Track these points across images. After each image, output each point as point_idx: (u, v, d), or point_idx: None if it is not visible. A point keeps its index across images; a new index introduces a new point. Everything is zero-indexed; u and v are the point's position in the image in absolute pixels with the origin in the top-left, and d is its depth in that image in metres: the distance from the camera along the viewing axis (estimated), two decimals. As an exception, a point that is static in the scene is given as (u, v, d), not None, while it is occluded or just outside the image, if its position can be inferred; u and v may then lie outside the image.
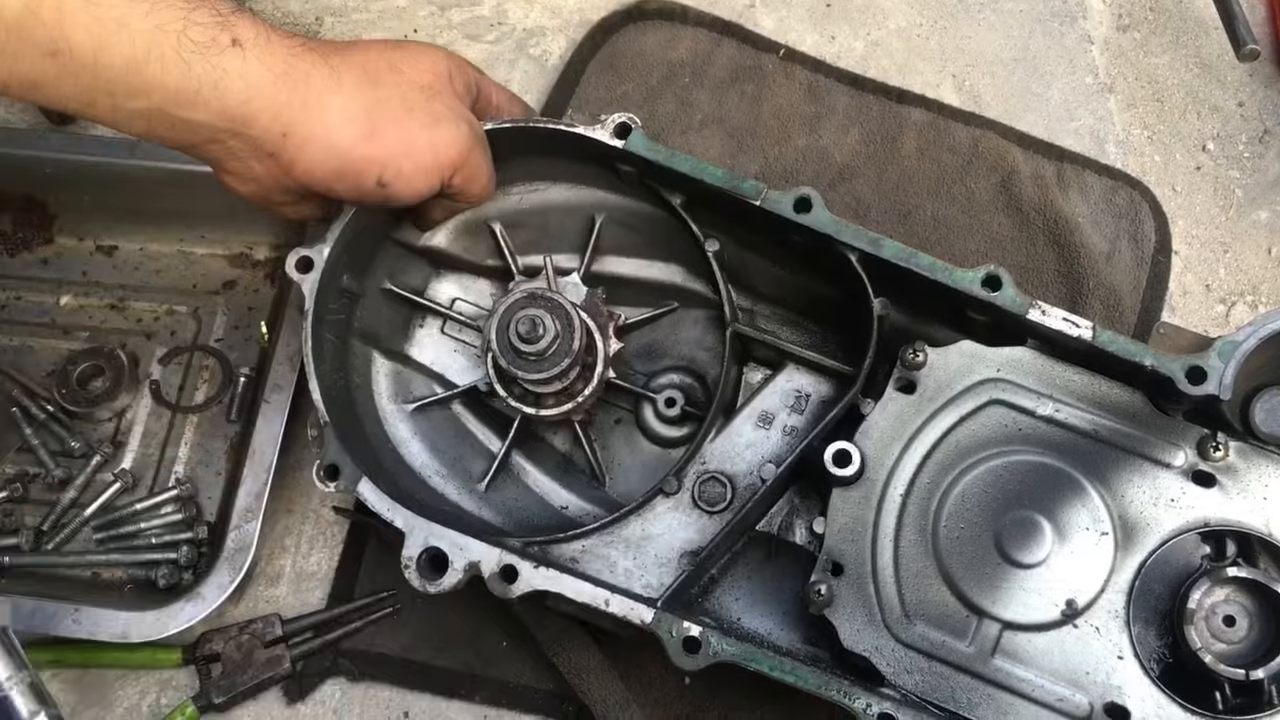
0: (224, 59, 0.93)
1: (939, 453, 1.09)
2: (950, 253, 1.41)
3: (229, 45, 0.93)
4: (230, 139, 0.97)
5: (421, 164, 1.03)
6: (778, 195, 1.10)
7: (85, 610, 1.20)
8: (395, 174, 1.02)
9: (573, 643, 1.22)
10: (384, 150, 1.01)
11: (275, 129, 0.97)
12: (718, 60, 1.53)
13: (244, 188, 1.04)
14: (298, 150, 0.98)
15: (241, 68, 0.94)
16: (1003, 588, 1.05)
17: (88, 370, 1.39)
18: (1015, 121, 1.51)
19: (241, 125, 0.96)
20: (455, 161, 1.05)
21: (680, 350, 1.29)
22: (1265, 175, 1.50)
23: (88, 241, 1.48)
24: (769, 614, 1.16)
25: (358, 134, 0.99)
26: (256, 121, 0.96)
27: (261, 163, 1.00)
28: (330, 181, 1.01)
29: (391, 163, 1.01)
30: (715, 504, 1.19)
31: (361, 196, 1.04)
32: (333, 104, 0.98)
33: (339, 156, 0.99)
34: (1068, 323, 1.06)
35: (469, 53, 1.56)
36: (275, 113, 0.96)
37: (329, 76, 0.99)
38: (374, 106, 1.01)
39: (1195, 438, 1.07)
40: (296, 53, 0.98)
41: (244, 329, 1.44)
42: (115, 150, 1.36)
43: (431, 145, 1.03)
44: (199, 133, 0.96)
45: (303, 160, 0.99)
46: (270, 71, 0.95)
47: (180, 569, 1.31)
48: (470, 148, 1.06)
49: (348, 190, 1.03)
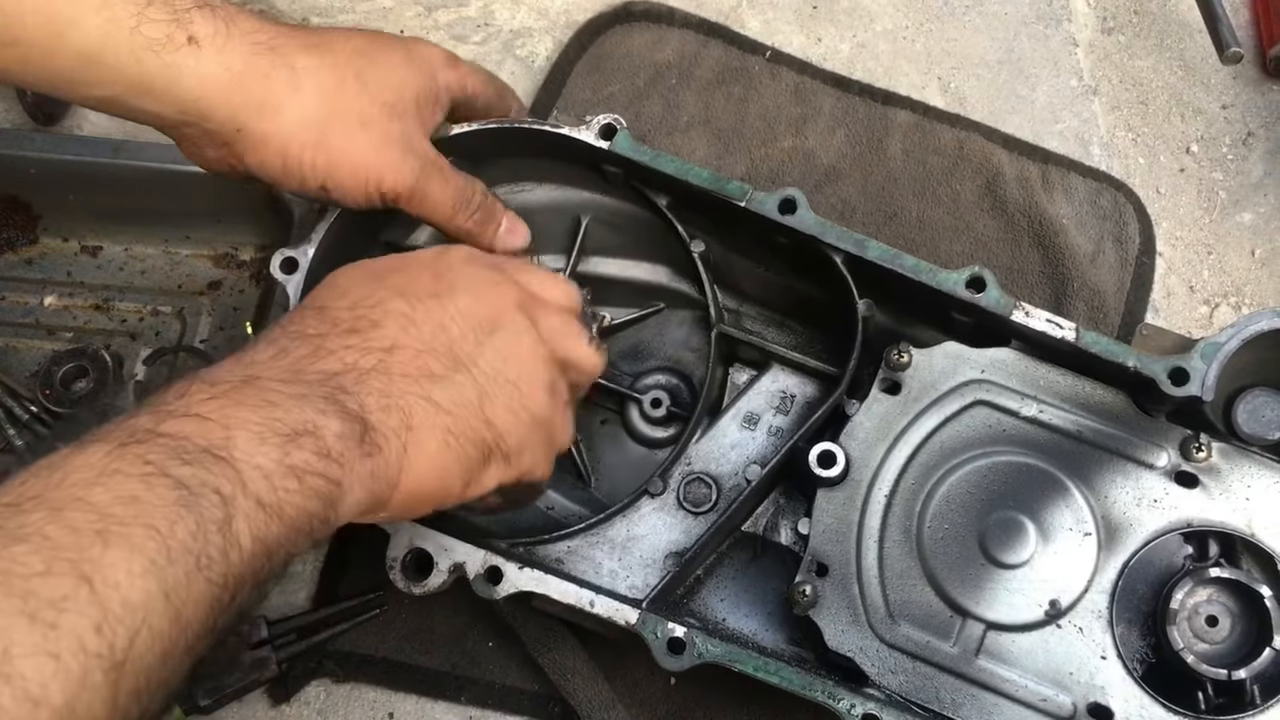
0: (178, 57, 0.93)
1: (923, 454, 1.09)
2: (935, 254, 1.41)
3: (184, 43, 0.93)
4: (185, 128, 0.98)
5: (363, 183, 1.03)
6: (763, 196, 1.10)
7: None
8: (336, 185, 1.02)
9: (558, 644, 1.22)
10: (327, 162, 1.01)
11: (230, 125, 0.97)
12: (704, 62, 1.53)
13: (200, 162, 1.05)
14: (248, 148, 0.99)
15: (196, 66, 0.94)
16: (987, 588, 1.05)
17: (72, 371, 1.38)
18: (1000, 124, 1.51)
19: (196, 119, 0.96)
20: (399, 191, 1.04)
21: (666, 351, 1.29)
22: (1249, 177, 1.51)
23: (72, 242, 1.47)
24: (754, 615, 1.17)
25: (306, 141, 0.99)
26: (211, 117, 0.96)
27: (216, 150, 1.01)
28: (277, 179, 1.02)
29: (335, 175, 1.01)
30: (700, 505, 1.19)
31: (304, 194, 1.05)
32: (287, 108, 0.98)
33: (285, 161, 1.00)
34: (1052, 324, 1.07)
35: (456, 53, 1.56)
36: (230, 112, 0.96)
37: (288, 80, 0.98)
38: (328, 117, 1.00)
39: (1178, 438, 1.08)
40: (258, 51, 0.97)
41: (229, 330, 1.43)
42: (100, 150, 1.36)
43: (376, 168, 1.02)
44: (155, 120, 0.98)
45: (251, 158, 1.00)
46: (227, 71, 0.95)
47: None
48: (417, 179, 1.04)
49: (293, 189, 1.04)
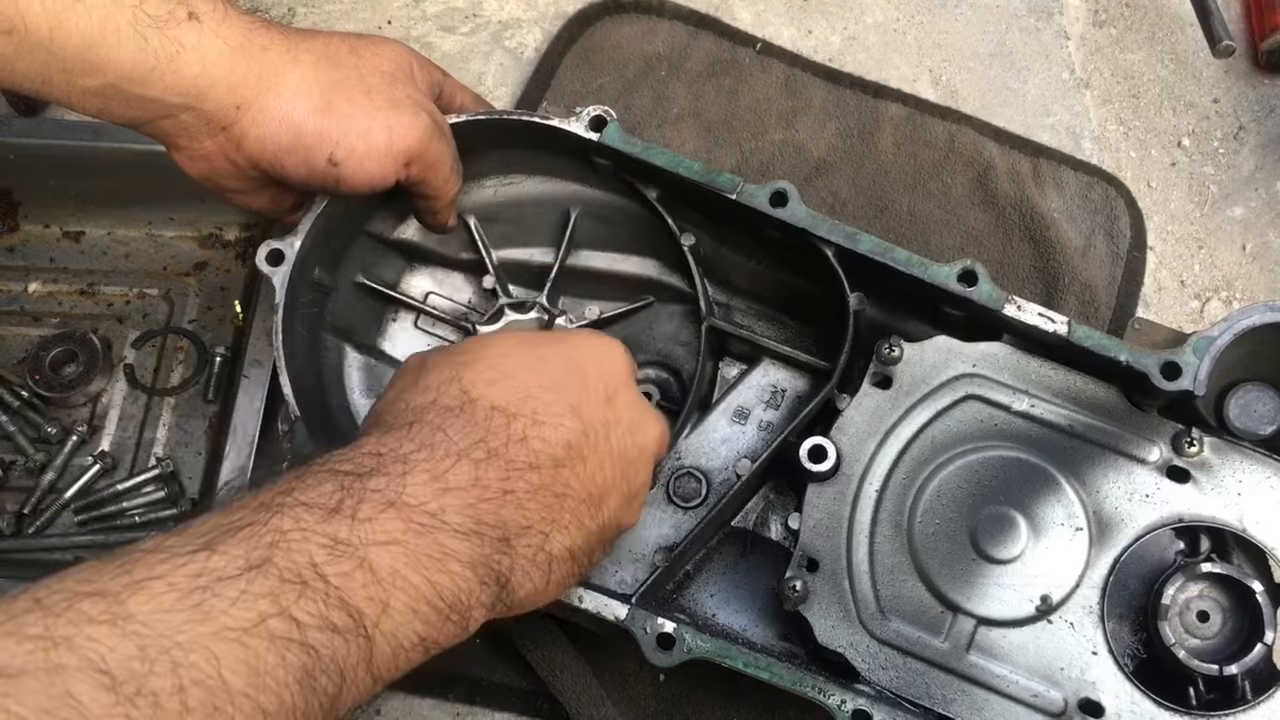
0: (180, 32, 0.92)
1: (914, 448, 1.09)
2: (926, 248, 1.41)
3: (185, 18, 0.92)
4: (183, 113, 0.96)
5: (375, 145, 1.00)
6: (754, 189, 1.10)
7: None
8: (348, 152, 0.99)
9: (547, 640, 1.21)
10: (337, 126, 0.99)
11: (229, 102, 0.96)
12: (694, 53, 1.52)
13: (194, 167, 1.02)
14: (250, 123, 0.97)
15: (198, 40, 0.93)
16: (978, 583, 1.05)
17: (60, 356, 1.37)
18: (991, 117, 1.51)
19: (195, 99, 0.95)
20: (411, 149, 1.02)
21: (656, 345, 1.28)
22: (1240, 171, 1.50)
23: (54, 228, 1.46)
24: (744, 610, 1.16)
25: (311, 107, 0.98)
26: (211, 94, 0.95)
27: (213, 138, 0.98)
28: (281, 157, 0.99)
29: (345, 140, 0.99)
30: (690, 500, 1.18)
31: (310, 175, 1.01)
32: (289, 77, 0.97)
33: (291, 129, 0.98)
34: (1043, 318, 1.06)
35: (444, 45, 1.55)
36: (230, 86, 0.95)
37: (286, 51, 0.98)
38: (331, 84, 0.99)
39: (1170, 433, 1.07)
40: (254, 27, 0.97)
41: (217, 310, 1.43)
42: (79, 134, 1.34)
43: (387, 127, 1.01)
44: (152, 109, 0.95)
45: (254, 132, 0.98)
46: (227, 44, 0.94)
47: None
48: (429, 138, 1.03)
49: (297, 167, 1.00)
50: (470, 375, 0.86)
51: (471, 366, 0.87)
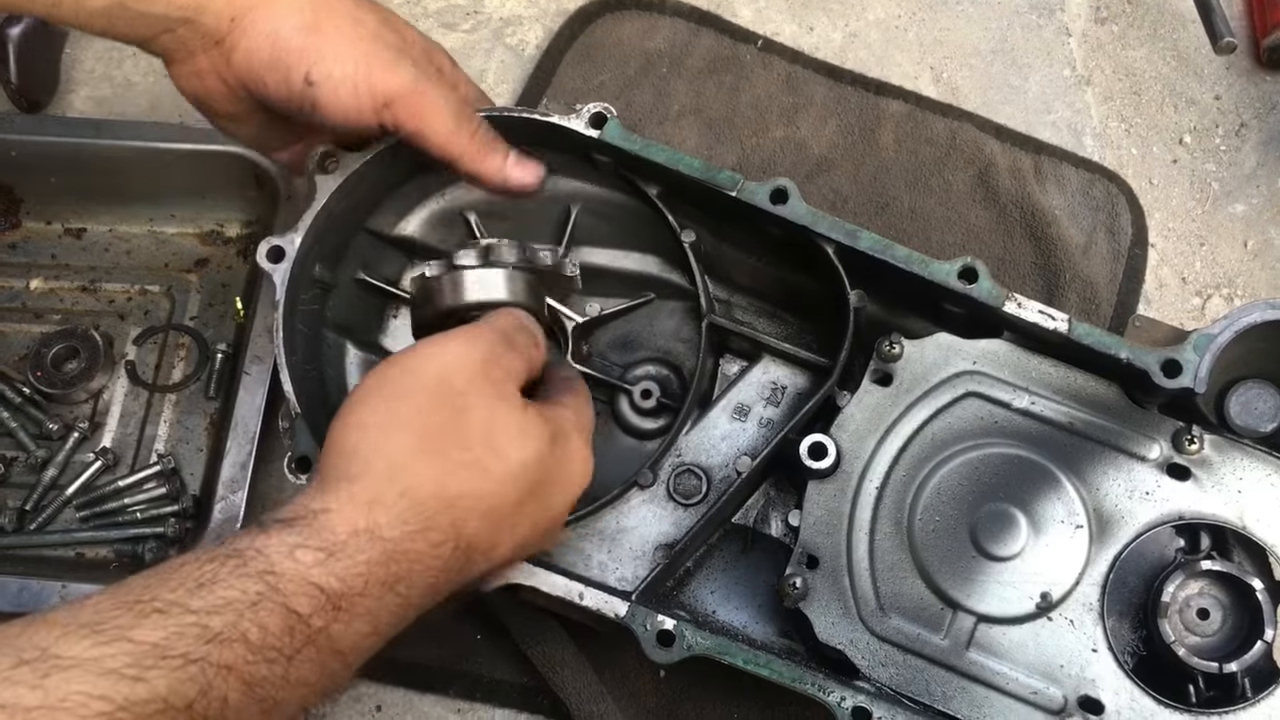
0: None
1: (915, 445, 1.09)
2: (927, 245, 1.41)
3: None
4: (181, 27, 0.99)
5: (349, 75, 1.00)
6: (754, 186, 1.09)
7: (73, 587, 1.19)
8: (324, 75, 1.00)
9: (547, 636, 1.22)
10: (318, 46, 1.00)
11: (226, 14, 0.99)
12: (695, 50, 1.52)
13: (189, 85, 1.05)
14: (240, 34, 0.99)
15: None
16: (978, 581, 1.05)
17: (62, 352, 1.38)
18: (993, 114, 1.50)
19: (194, 12, 0.98)
20: (389, 91, 1.02)
21: (656, 342, 1.28)
22: (1241, 168, 1.50)
23: (56, 224, 1.47)
24: (744, 607, 1.16)
25: (299, 24, 1.00)
26: (209, 7, 0.98)
27: (207, 54, 1.01)
28: (263, 73, 1.01)
29: (322, 62, 1.00)
30: (690, 497, 1.18)
31: (290, 96, 1.02)
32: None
33: (275, 43, 1.00)
34: (1044, 315, 1.06)
35: (445, 41, 1.54)
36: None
37: None
38: (325, 6, 1.01)
39: (1170, 431, 1.07)
40: None
41: (218, 306, 1.43)
42: (81, 130, 1.35)
43: (367, 61, 1.01)
44: (155, 25, 0.98)
45: (242, 44, 1.00)
46: None
47: (167, 543, 1.31)
48: (411, 82, 1.02)
49: (277, 85, 1.01)
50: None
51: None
